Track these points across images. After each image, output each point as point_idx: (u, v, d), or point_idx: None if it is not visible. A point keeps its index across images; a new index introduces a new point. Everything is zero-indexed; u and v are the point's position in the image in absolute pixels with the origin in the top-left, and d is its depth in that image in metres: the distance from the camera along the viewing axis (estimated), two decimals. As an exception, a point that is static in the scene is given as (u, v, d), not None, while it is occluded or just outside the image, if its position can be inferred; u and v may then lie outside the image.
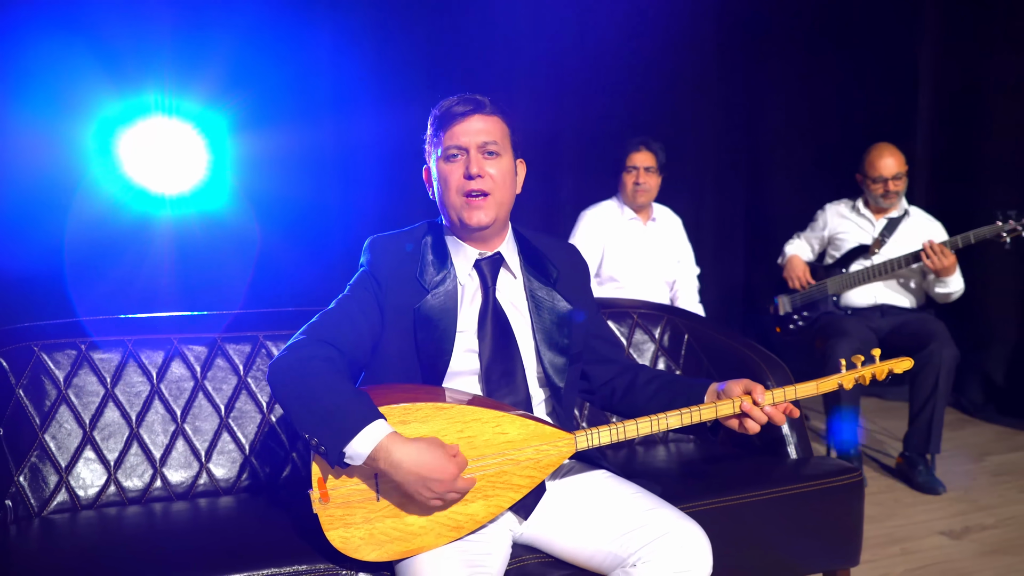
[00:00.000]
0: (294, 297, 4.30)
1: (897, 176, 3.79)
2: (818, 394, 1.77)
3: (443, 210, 1.77)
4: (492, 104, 1.75)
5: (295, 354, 1.60)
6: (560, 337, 1.78)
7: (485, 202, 1.71)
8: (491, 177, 1.71)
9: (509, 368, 1.73)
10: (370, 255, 1.78)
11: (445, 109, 1.73)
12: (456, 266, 1.78)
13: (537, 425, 1.60)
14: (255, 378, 2.18)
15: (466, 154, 1.71)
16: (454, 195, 1.72)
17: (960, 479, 3.58)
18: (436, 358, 1.72)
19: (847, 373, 1.80)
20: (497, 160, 1.73)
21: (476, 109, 1.72)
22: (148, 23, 4.10)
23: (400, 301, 1.73)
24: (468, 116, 1.71)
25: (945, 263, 3.52)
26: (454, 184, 1.72)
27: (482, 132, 1.72)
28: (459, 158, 1.72)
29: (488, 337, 1.74)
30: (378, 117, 4.61)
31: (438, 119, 1.74)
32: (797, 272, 3.96)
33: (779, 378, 2.34)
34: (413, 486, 1.48)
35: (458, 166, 1.72)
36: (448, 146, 1.72)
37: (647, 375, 1.88)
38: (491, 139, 1.72)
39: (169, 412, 2.09)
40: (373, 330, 1.73)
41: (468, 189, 1.70)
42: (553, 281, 1.83)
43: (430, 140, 1.79)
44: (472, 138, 1.71)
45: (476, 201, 1.71)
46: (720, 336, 2.56)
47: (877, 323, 3.76)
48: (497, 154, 1.73)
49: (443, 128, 1.73)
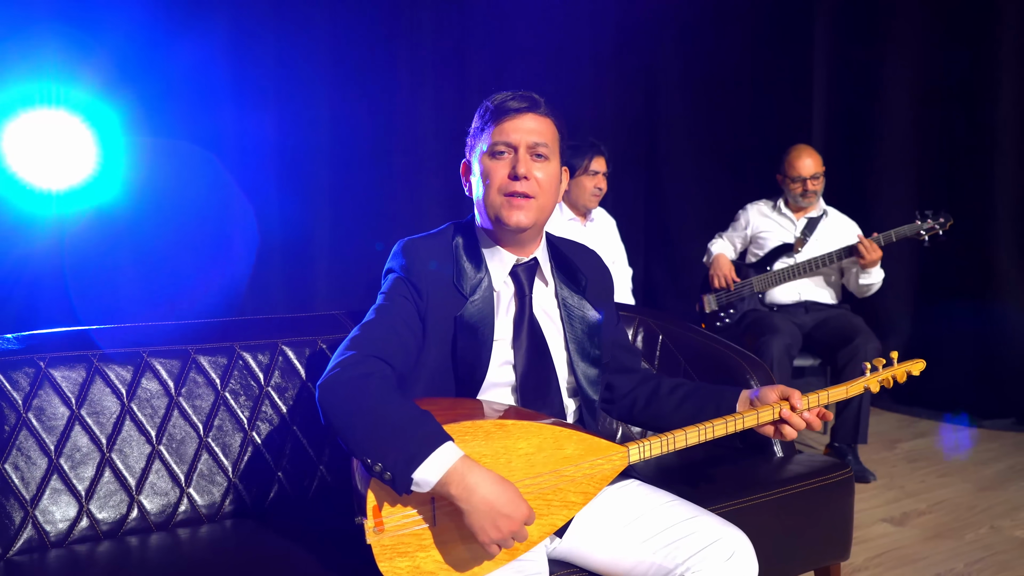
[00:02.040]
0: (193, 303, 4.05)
1: (815, 176, 3.93)
2: (847, 397, 1.79)
3: (480, 208, 1.68)
4: (547, 105, 1.67)
5: (348, 372, 1.46)
6: (592, 347, 1.72)
7: (527, 203, 1.62)
8: (537, 181, 1.63)
9: (544, 380, 1.66)
10: (404, 259, 1.67)
11: (498, 103, 1.64)
12: (491, 271, 1.69)
13: (593, 439, 1.53)
14: (233, 392, 2.01)
15: (514, 152, 1.63)
16: (495, 193, 1.63)
17: (881, 467, 3.75)
18: (474, 369, 1.62)
19: (871, 376, 1.83)
20: (545, 164, 1.65)
21: (531, 107, 1.64)
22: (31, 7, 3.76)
23: (440, 309, 1.63)
24: (522, 113, 1.63)
25: (875, 256, 3.68)
26: (497, 182, 1.63)
27: (534, 132, 1.63)
28: (506, 156, 1.63)
29: (523, 348, 1.66)
30: (279, 111, 4.40)
31: (490, 112, 1.65)
32: (723, 271, 4.04)
33: (760, 377, 2.36)
34: (481, 517, 1.36)
35: (504, 164, 1.63)
36: (496, 141, 1.63)
37: (669, 384, 1.85)
38: (542, 140, 1.64)
39: (143, 433, 1.90)
40: (417, 341, 1.62)
41: (512, 190, 1.62)
42: (583, 289, 1.76)
43: (475, 133, 1.69)
44: (524, 136, 1.62)
45: (518, 201, 1.62)
46: (695, 336, 2.56)
47: (801, 319, 3.89)
48: (546, 157, 1.65)
49: (493, 122, 1.64)
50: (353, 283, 4.52)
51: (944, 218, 3.67)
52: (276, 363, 2.08)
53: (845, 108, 5.19)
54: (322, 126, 4.53)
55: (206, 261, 4.08)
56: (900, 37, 4.86)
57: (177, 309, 3.89)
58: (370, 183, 4.66)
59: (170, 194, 3.99)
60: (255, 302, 4.25)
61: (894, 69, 4.89)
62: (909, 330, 4.97)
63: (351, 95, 4.58)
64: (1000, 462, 3.82)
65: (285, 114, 4.40)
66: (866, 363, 1.86)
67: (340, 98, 4.55)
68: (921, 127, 4.83)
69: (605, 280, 1.86)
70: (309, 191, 4.46)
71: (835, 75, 5.24)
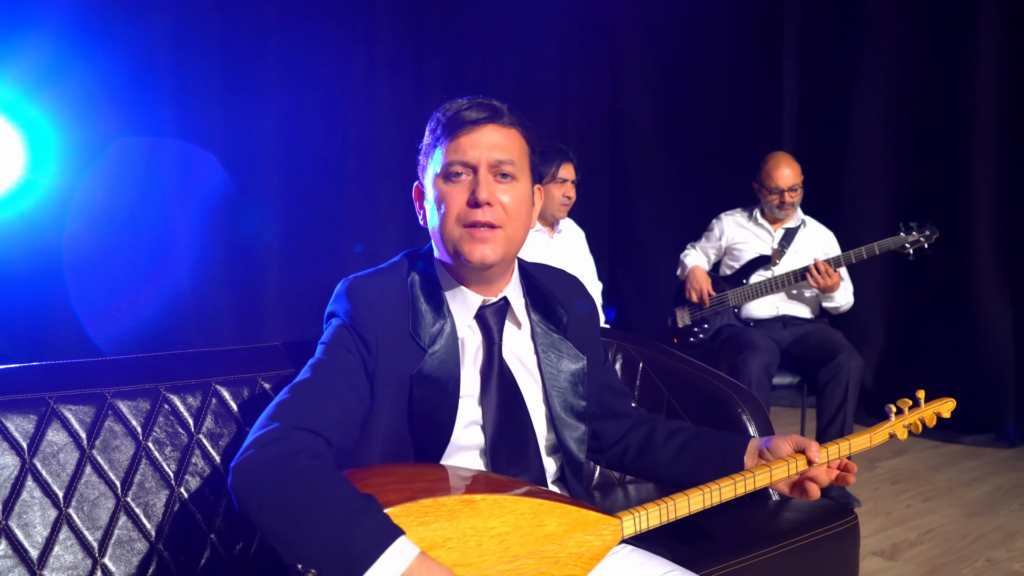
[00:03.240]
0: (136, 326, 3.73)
1: (793, 188, 3.75)
2: (871, 447, 1.57)
3: (437, 240, 1.42)
4: (511, 113, 1.41)
5: (270, 451, 1.18)
6: (576, 399, 1.48)
7: (492, 235, 1.35)
8: (503, 206, 1.36)
9: (520, 441, 1.41)
10: (349, 304, 1.39)
11: (451, 114, 1.37)
12: (454, 314, 1.43)
13: (578, 511, 1.29)
14: (158, 442, 1.74)
15: (473, 174, 1.36)
16: (453, 224, 1.36)
17: (864, 490, 3.57)
18: (436, 434, 1.37)
19: (897, 421, 1.61)
20: (512, 185, 1.38)
21: (492, 117, 1.37)
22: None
23: (393, 364, 1.37)
24: (480, 125, 1.36)
25: (829, 282, 3.51)
26: (454, 211, 1.36)
27: (497, 147, 1.36)
28: (463, 178, 1.37)
29: (493, 405, 1.40)
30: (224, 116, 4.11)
31: (442, 126, 1.38)
32: (700, 285, 3.83)
33: (753, 411, 2.15)
34: None
35: (461, 189, 1.36)
36: (451, 161, 1.36)
37: (665, 429, 1.61)
38: (507, 157, 1.37)
39: (48, 495, 1.61)
40: (363, 406, 1.35)
41: (472, 219, 1.35)
42: (564, 328, 1.51)
43: (426, 150, 1.42)
44: (484, 153, 1.35)
45: (481, 233, 1.35)
46: (680, 364, 2.34)
47: (779, 335, 3.70)
48: (512, 177, 1.38)
49: (447, 137, 1.37)
50: (307, 308, 4.23)
51: (930, 230, 3.50)
52: (208, 406, 1.81)
53: (817, 111, 5.03)
54: (270, 130, 4.25)
55: (132, 282, 3.75)
56: (874, 38, 4.71)
57: (92, 342, 3.56)
58: (325, 193, 4.39)
59: (100, 203, 3.68)
60: (187, 332, 3.91)
61: (868, 71, 4.73)
62: (883, 343, 4.82)
63: (302, 98, 4.30)
64: (985, 483, 3.66)
65: (230, 118, 4.11)
66: (890, 405, 1.64)
67: (291, 101, 4.27)
68: (896, 132, 4.68)
69: (589, 314, 1.61)
70: (256, 202, 4.17)
71: (806, 78, 5.09)
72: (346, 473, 1.25)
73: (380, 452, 1.37)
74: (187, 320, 3.86)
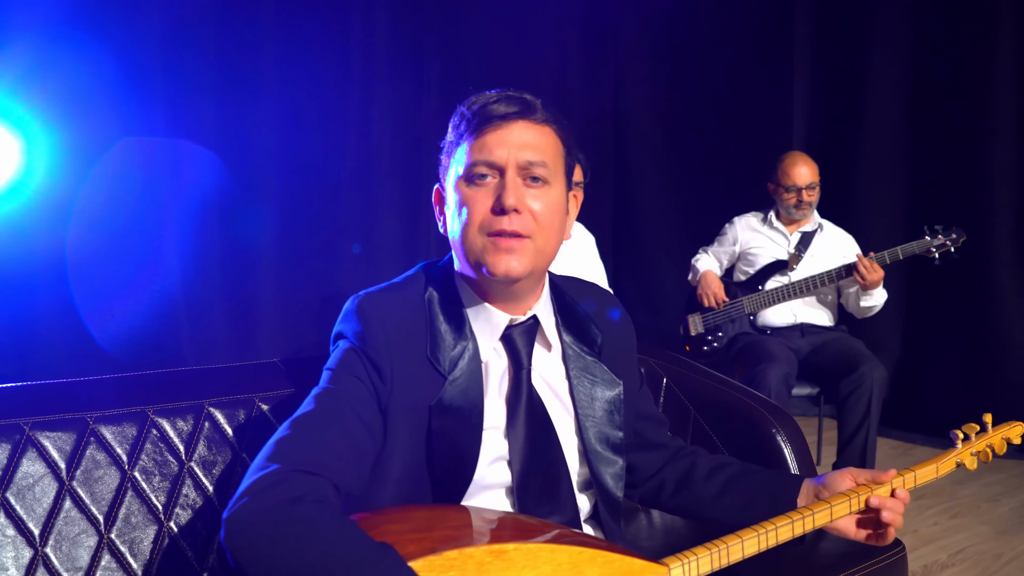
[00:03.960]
0: (96, 350, 3.53)
1: (811, 186, 3.60)
2: (938, 477, 1.42)
3: (457, 251, 1.26)
4: (545, 109, 1.25)
5: (267, 498, 1.02)
6: (613, 429, 1.32)
7: (520, 245, 1.20)
8: (532, 214, 1.21)
9: (551, 479, 1.26)
10: (360, 324, 1.23)
11: (478, 107, 1.22)
12: (477, 335, 1.27)
13: (621, 559, 1.14)
14: (145, 471, 1.58)
15: (500, 176, 1.21)
16: (475, 232, 1.21)
17: (886, 505, 3.42)
18: (458, 471, 1.22)
19: (964, 448, 1.45)
20: (543, 190, 1.22)
21: (523, 112, 1.22)
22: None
23: (410, 394, 1.21)
24: (510, 121, 1.21)
25: (876, 277, 3.35)
26: (478, 217, 1.21)
27: (528, 147, 1.21)
28: (488, 181, 1.21)
29: (521, 438, 1.25)
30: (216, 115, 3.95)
31: (467, 121, 1.22)
32: (712, 289, 3.68)
33: (789, 432, 1.99)
34: None
35: (486, 193, 1.21)
36: (476, 161, 1.20)
37: (706, 464, 1.46)
38: (538, 158, 1.21)
39: (22, 533, 1.46)
40: (375, 443, 1.19)
41: (498, 228, 1.19)
42: (599, 349, 1.36)
43: (448, 149, 1.27)
44: (513, 153, 1.20)
45: (507, 243, 1.19)
46: (707, 380, 2.18)
47: (797, 343, 3.56)
48: (544, 181, 1.22)
49: (471, 134, 1.21)
50: (303, 321, 4.06)
51: (956, 234, 3.35)
52: (201, 431, 1.65)
53: (828, 112, 4.88)
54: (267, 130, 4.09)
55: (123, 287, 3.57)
56: (886, 34, 4.55)
57: (73, 359, 3.38)
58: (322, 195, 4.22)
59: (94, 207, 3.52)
60: (176, 347, 3.72)
61: (881, 69, 4.58)
62: (899, 350, 4.67)
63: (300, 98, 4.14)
64: (1012, 498, 3.52)
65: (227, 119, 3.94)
66: (956, 431, 1.48)
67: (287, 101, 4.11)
68: (911, 132, 4.53)
69: (625, 332, 1.46)
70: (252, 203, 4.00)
71: (817, 77, 4.93)
72: (355, 518, 1.10)
73: (394, 493, 1.21)
74: (178, 328, 3.69)
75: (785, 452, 1.96)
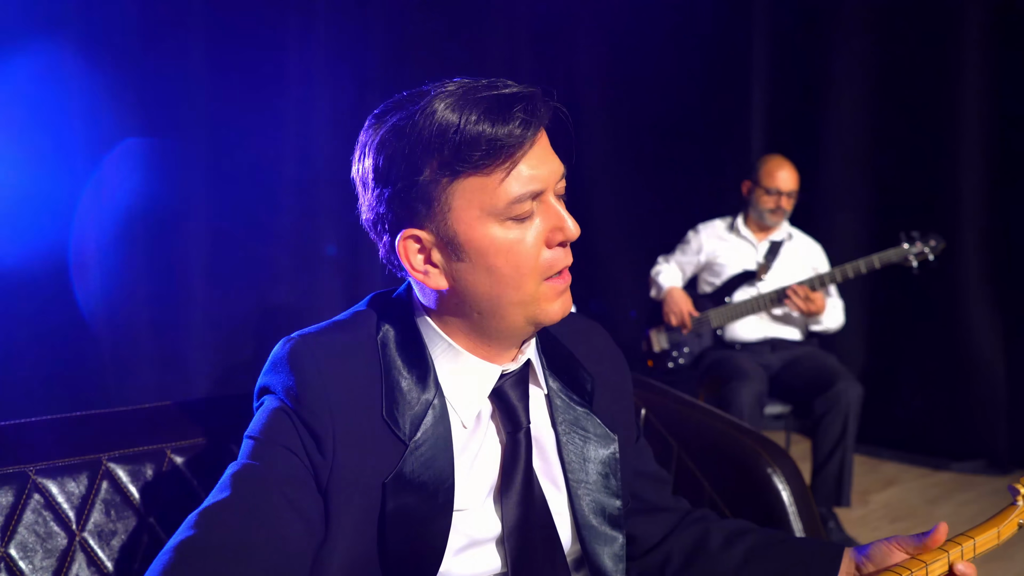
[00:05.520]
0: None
1: (791, 194, 3.41)
2: (999, 543, 1.19)
3: (493, 308, 0.98)
4: (548, 96, 0.98)
5: None
6: (610, 498, 1.07)
7: (568, 278, 1.00)
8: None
9: (545, 567, 1.00)
10: (293, 378, 0.95)
11: (492, 124, 0.91)
12: (448, 389, 1.01)
13: None
14: (23, 547, 1.28)
15: (534, 200, 0.95)
16: (532, 281, 0.96)
17: (862, 530, 3.24)
18: (419, 565, 0.95)
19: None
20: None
21: (545, 115, 0.96)
22: None
23: (359, 469, 0.94)
24: (537, 131, 0.94)
25: (811, 308, 3.20)
26: (532, 260, 0.96)
27: (555, 157, 0.98)
28: (528, 213, 0.95)
29: (514, 516, 0.99)
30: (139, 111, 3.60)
31: (466, 142, 0.91)
32: (680, 307, 3.43)
33: (786, 471, 1.76)
34: None
35: (530, 225, 0.95)
36: (519, 196, 0.93)
37: (720, 532, 1.20)
38: (563, 169, 0.99)
39: None
40: (312, 536, 0.92)
41: (560, 267, 0.98)
42: (589, 397, 1.10)
43: (425, 185, 0.94)
44: (553, 167, 0.96)
45: (564, 282, 0.99)
46: (690, 411, 1.94)
47: (767, 359, 3.36)
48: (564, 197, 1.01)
49: (489, 160, 0.91)
50: (239, 346, 3.72)
51: (935, 240, 3.19)
52: (97, 492, 1.35)
53: (788, 118, 4.71)
54: (198, 125, 3.74)
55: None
56: (848, 37, 4.39)
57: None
58: (258, 202, 3.88)
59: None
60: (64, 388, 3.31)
61: (842, 74, 4.42)
62: (865, 362, 4.51)
63: (231, 94, 3.81)
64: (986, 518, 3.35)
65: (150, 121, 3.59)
66: (1016, 485, 1.23)
67: (218, 99, 3.77)
68: (874, 138, 4.37)
69: (619, 374, 1.20)
70: (178, 213, 3.64)
71: (776, 82, 4.76)
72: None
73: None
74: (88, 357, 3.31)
75: (783, 495, 1.72)
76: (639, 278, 3.72)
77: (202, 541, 0.85)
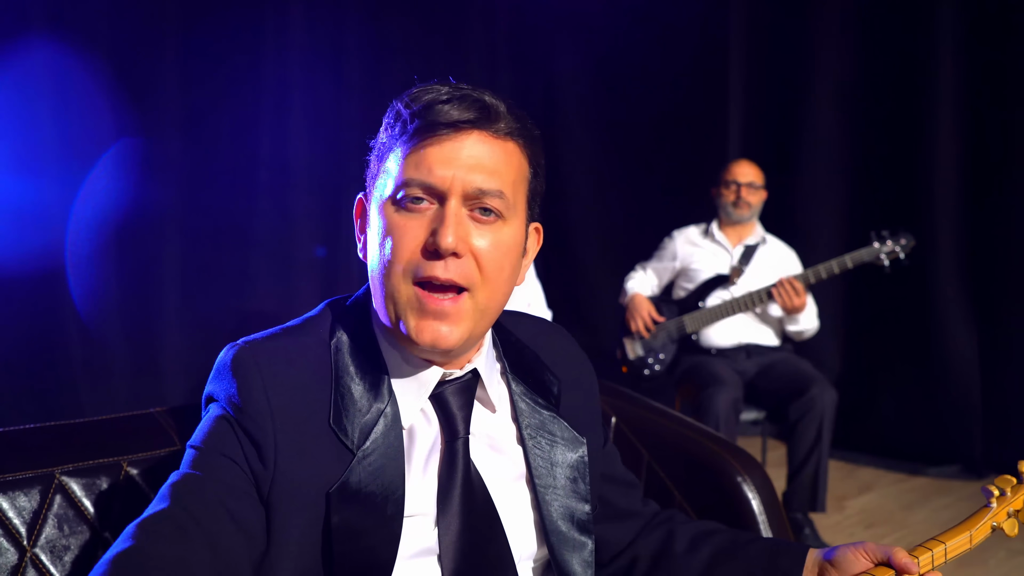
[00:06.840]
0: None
1: (751, 184, 3.42)
2: (971, 548, 1.17)
3: (376, 292, 0.97)
4: (511, 115, 0.96)
5: None
6: (579, 502, 1.05)
7: (455, 307, 0.93)
8: (476, 258, 0.94)
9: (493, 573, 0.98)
10: (235, 385, 0.93)
11: (420, 106, 0.92)
12: (398, 393, 0.98)
13: None
14: (-28, 564, 1.24)
15: (439, 204, 0.93)
16: (399, 276, 0.93)
17: (837, 536, 3.24)
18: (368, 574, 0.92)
19: (1000, 508, 1.19)
20: (495, 227, 0.95)
21: (481, 120, 0.93)
22: None
23: (303, 478, 0.92)
24: (461, 131, 0.92)
25: (797, 302, 3.19)
26: (404, 255, 0.93)
27: (481, 169, 0.93)
28: (424, 207, 0.93)
29: (455, 528, 0.97)
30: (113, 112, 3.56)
31: (402, 122, 0.93)
32: (641, 313, 3.43)
33: (756, 480, 1.75)
34: None
35: (419, 223, 0.93)
36: (410, 180, 0.92)
37: (687, 533, 1.19)
38: (494, 186, 0.94)
39: None
40: (254, 550, 0.90)
41: (428, 274, 0.92)
42: (555, 401, 1.08)
43: (379, 152, 0.97)
44: (461, 176, 0.92)
45: (437, 304, 0.92)
46: (660, 419, 1.93)
47: (743, 365, 3.36)
48: (498, 216, 0.95)
49: (408, 140, 0.92)
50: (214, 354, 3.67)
51: (906, 239, 3.20)
52: (50, 507, 1.32)
53: (765, 121, 4.73)
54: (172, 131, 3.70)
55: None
56: (825, 42, 4.41)
57: None
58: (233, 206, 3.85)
59: None
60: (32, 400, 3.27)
61: (819, 78, 4.44)
62: (840, 366, 4.52)
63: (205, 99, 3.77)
64: (962, 523, 3.36)
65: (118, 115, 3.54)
66: (990, 487, 1.21)
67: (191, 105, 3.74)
68: (850, 141, 4.39)
69: (585, 377, 1.19)
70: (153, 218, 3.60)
71: (753, 85, 4.77)
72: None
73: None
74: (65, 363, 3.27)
75: (753, 504, 1.71)
76: (619, 286, 3.71)
77: (138, 553, 0.83)
